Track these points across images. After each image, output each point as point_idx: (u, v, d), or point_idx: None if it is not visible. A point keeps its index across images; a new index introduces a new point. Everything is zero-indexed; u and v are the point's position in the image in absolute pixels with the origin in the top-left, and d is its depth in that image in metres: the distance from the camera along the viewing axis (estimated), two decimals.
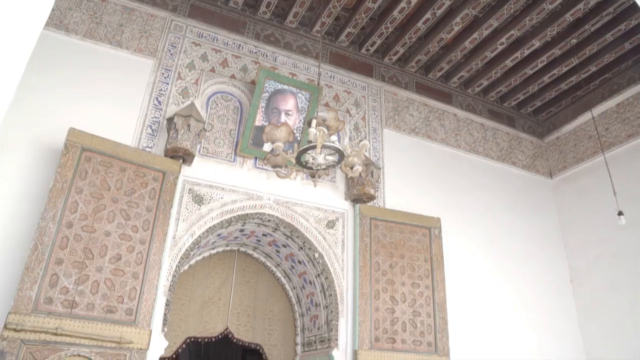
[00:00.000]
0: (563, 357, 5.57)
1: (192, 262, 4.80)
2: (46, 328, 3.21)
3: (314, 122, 3.02)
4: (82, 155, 3.74)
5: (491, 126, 6.64)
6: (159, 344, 3.69)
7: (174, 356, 4.59)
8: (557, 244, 6.30)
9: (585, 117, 6.40)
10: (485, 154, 6.38)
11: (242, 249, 5.15)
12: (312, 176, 3.34)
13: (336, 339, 4.36)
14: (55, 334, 3.22)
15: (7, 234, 3.64)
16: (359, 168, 3.25)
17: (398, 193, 5.27)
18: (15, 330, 3.11)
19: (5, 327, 3.09)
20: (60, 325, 3.25)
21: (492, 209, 6.01)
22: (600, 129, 6.15)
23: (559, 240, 6.35)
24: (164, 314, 3.80)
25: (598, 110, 6.22)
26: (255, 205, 4.45)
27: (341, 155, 3.15)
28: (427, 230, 4.92)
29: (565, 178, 6.62)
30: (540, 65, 5.99)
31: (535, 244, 6.11)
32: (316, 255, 4.59)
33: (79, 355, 3.30)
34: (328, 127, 3.03)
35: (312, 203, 4.71)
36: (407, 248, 4.74)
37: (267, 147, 4.47)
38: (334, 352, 4.30)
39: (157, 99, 4.55)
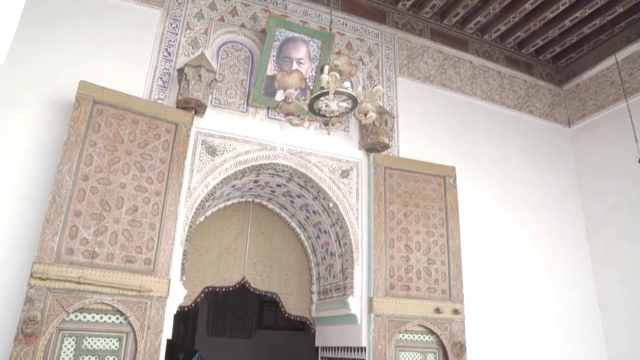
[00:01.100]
0: (576, 304, 5.63)
1: (208, 213, 4.85)
2: (69, 277, 3.29)
3: (326, 68, 2.95)
4: (94, 108, 3.73)
5: (508, 74, 6.46)
6: (178, 292, 3.78)
7: (194, 305, 4.70)
8: (573, 193, 6.24)
9: (608, 62, 6.17)
10: (501, 102, 6.24)
11: (256, 200, 5.19)
12: (326, 124, 3.30)
13: (351, 287, 4.43)
14: (79, 283, 3.31)
15: (26, 187, 3.71)
16: (373, 115, 3.19)
17: (412, 142, 5.21)
18: (41, 279, 3.21)
19: (31, 276, 3.19)
20: (83, 275, 3.33)
21: (507, 158, 5.93)
22: (624, 75, 5.95)
23: (575, 189, 6.28)
24: (182, 263, 3.87)
25: (622, 54, 5.99)
26: (269, 156, 4.43)
27: (354, 101, 3.08)
28: (442, 179, 4.88)
29: (583, 126, 6.48)
30: (561, 8, 5.72)
31: (551, 193, 6.05)
32: (331, 204, 4.60)
33: (102, 303, 3.40)
34: (341, 72, 2.96)
35: (325, 153, 4.68)
36: (421, 197, 4.72)
37: (279, 96, 4.41)
38: (350, 300, 4.38)
39: (166, 50, 4.48)
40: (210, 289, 4.86)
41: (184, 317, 11.70)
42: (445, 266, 4.60)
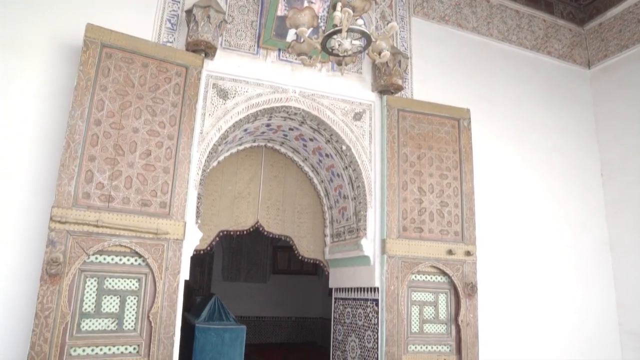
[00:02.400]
0: (587, 247, 5.66)
1: (221, 158, 4.86)
2: (87, 221, 3.36)
3: (338, 5, 2.85)
4: (102, 52, 3.67)
5: (527, 13, 6.22)
6: (193, 235, 3.84)
7: (209, 248, 4.80)
8: (590, 137, 6.14)
9: None
10: (518, 43, 6.04)
11: (269, 144, 5.18)
12: (339, 64, 3.22)
13: (365, 229, 4.47)
14: (97, 226, 3.37)
15: (41, 132, 3.74)
16: (387, 53, 3.10)
17: (426, 84, 5.10)
18: (60, 222, 3.27)
19: (51, 219, 3.25)
20: (100, 218, 3.39)
21: (523, 101, 5.81)
22: None
23: (592, 133, 6.17)
24: (197, 207, 3.91)
25: None
26: (281, 99, 4.37)
27: (368, 40, 3.00)
28: (456, 122, 4.81)
29: (604, 68, 6.27)
30: None
31: (567, 137, 5.96)
32: (343, 147, 4.57)
33: (121, 245, 3.48)
34: (354, 9, 2.86)
35: (338, 95, 4.60)
36: (435, 139, 4.68)
37: (290, 37, 4.30)
38: (363, 242, 4.43)
39: None
40: (225, 233, 4.94)
41: (200, 263, 12.03)
42: (458, 209, 4.61)
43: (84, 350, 3.31)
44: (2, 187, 3.59)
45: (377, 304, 4.30)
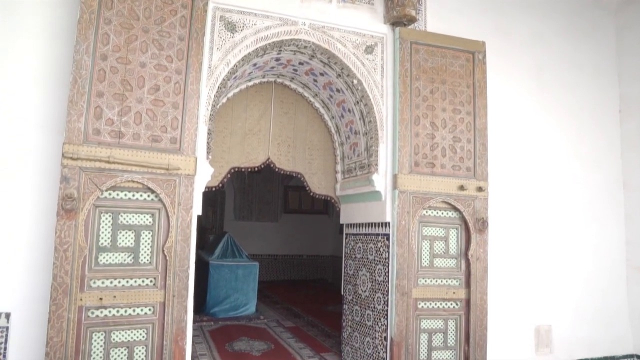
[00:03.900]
0: (599, 185, 5.61)
1: (230, 94, 4.79)
2: (99, 157, 3.36)
3: None
4: None
5: None
6: (205, 170, 3.85)
7: (221, 185, 4.83)
8: (610, 72, 5.91)
9: None
10: None
11: (278, 80, 5.08)
12: None
13: (376, 164, 4.45)
14: (108, 162, 3.39)
15: (47, 69, 3.70)
16: None
17: (440, 16, 4.89)
18: (72, 159, 3.29)
19: (63, 156, 3.27)
20: (111, 154, 3.40)
21: (541, 33, 5.56)
22: None
23: (612, 68, 5.93)
24: (207, 142, 3.90)
25: None
26: (290, 31, 4.23)
27: None
28: (471, 55, 4.66)
29: None
30: None
31: (586, 71, 5.75)
32: (355, 82, 4.47)
33: (133, 181, 3.50)
34: None
35: (349, 27, 4.45)
36: (448, 73, 4.55)
37: None
38: (374, 177, 4.42)
39: None
40: (236, 169, 4.95)
41: (212, 203, 12.23)
42: (471, 144, 4.55)
43: (102, 282, 3.41)
44: (15, 128, 3.61)
45: (388, 239, 4.35)
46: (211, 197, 11.79)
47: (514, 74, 5.29)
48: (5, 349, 3.45)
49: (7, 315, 3.46)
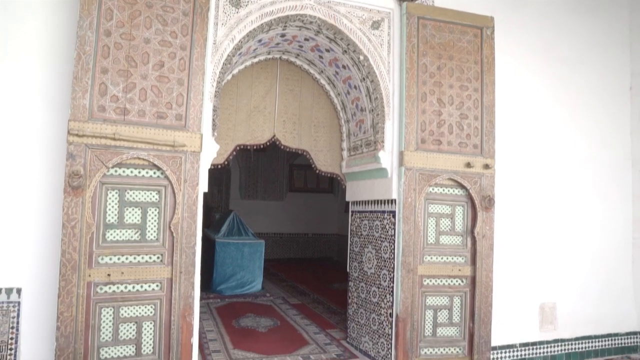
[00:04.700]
0: (607, 162, 5.55)
1: (235, 71, 4.75)
2: (104, 134, 3.36)
3: None
4: None
5: None
6: (210, 147, 3.84)
7: (226, 162, 4.82)
8: (622, 49, 5.79)
9: None
10: None
11: (284, 56, 5.02)
12: None
13: (382, 141, 4.43)
14: (114, 139, 3.38)
15: (50, 44, 3.68)
16: None
17: None
18: (77, 135, 3.29)
19: (69, 133, 3.27)
20: (117, 131, 3.39)
21: (551, 8, 5.44)
22: None
23: (625, 45, 5.81)
24: (213, 119, 3.88)
25: None
26: (295, 6, 4.17)
27: None
28: (479, 31, 4.58)
29: None
30: None
31: (596, 48, 5.64)
32: (361, 58, 4.41)
33: (139, 158, 3.50)
34: None
35: (355, 2, 4.37)
36: (456, 49, 4.48)
37: None
38: (380, 154, 4.40)
39: None
40: (242, 147, 4.94)
41: (217, 182, 12.26)
42: (478, 121, 4.51)
43: (110, 259, 3.44)
44: (21, 105, 3.61)
45: (394, 216, 4.35)
46: (217, 176, 11.81)
47: (522, 51, 5.20)
48: (18, 322, 3.51)
49: (19, 291, 3.52)
